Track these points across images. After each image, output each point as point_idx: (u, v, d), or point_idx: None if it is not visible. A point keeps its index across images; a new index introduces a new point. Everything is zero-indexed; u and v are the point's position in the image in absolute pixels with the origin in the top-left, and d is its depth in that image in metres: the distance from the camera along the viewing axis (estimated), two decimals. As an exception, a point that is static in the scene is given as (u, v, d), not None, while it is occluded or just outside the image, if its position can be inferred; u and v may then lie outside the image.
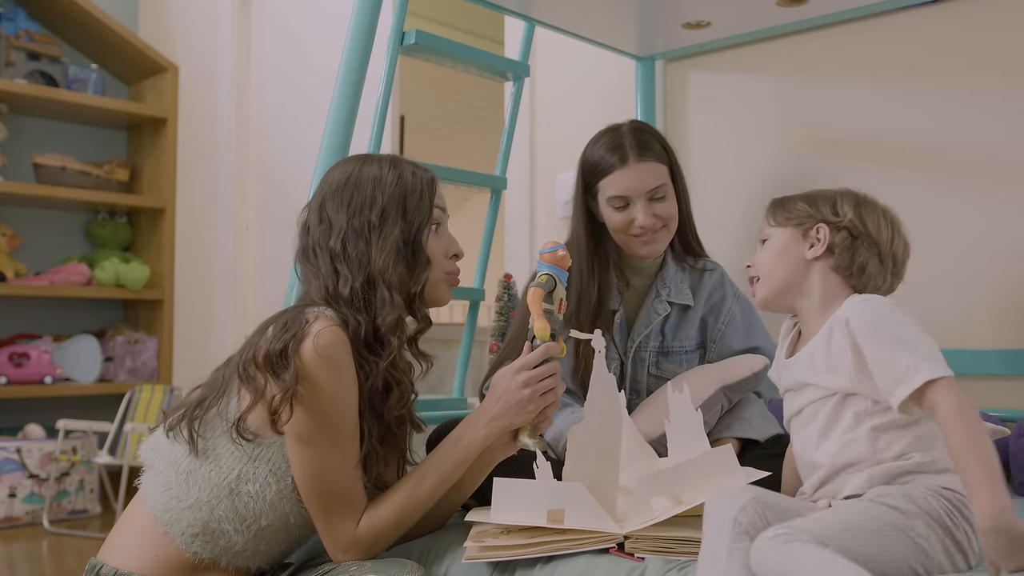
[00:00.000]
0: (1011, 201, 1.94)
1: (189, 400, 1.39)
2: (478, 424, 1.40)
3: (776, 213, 1.38)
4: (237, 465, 1.33)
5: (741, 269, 2.23)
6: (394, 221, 1.40)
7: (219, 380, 1.39)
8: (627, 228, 1.78)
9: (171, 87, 3.94)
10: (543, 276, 1.43)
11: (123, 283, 3.82)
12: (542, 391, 1.38)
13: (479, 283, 2.30)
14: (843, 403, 1.23)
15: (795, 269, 1.33)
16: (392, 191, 1.42)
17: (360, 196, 1.41)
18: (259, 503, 1.33)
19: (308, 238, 1.45)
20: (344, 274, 1.38)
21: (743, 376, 1.74)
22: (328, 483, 1.32)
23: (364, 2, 1.83)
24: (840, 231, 1.30)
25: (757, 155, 2.35)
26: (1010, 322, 1.94)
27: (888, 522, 1.11)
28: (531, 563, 1.33)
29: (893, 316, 1.19)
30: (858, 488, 1.19)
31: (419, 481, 1.39)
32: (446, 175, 2.19)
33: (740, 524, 1.09)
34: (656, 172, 1.78)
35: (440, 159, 2.51)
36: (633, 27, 2.25)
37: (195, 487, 1.33)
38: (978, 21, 2.01)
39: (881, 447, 1.20)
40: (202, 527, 1.33)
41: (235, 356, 1.38)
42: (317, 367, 1.30)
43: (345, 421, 1.33)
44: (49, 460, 3.30)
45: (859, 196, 1.34)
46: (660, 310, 1.85)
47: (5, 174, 3.66)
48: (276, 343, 1.31)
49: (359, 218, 1.40)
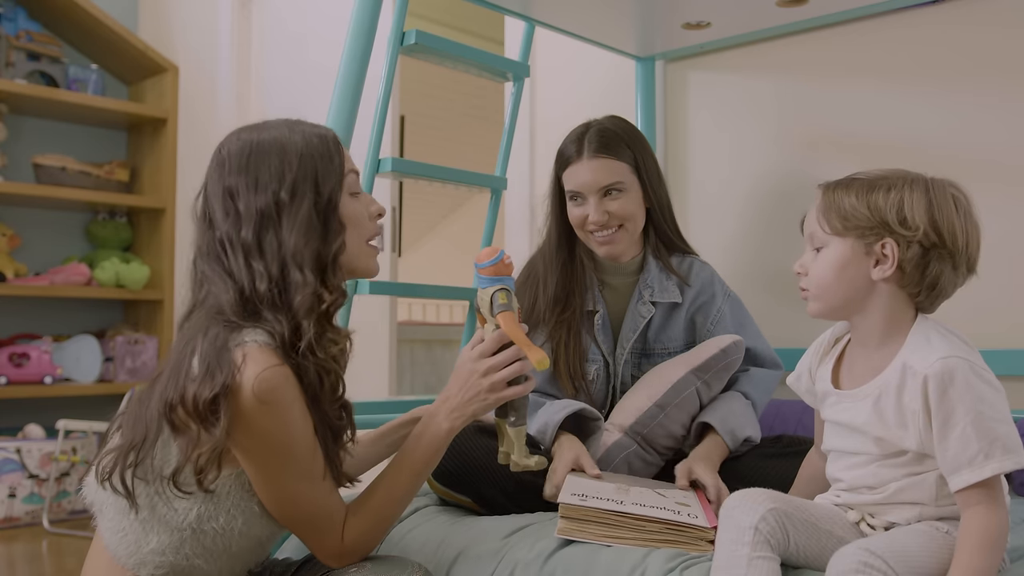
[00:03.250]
0: (1011, 201, 1.94)
1: (118, 444, 1.24)
2: (440, 417, 1.32)
3: (831, 217, 1.19)
4: (194, 506, 1.22)
5: (739, 269, 2.24)
6: (302, 194, 1.24)
7: (143, 423, 1.22)
8: (583, 224, 1.81)
9: (171, 87, 3.94)
10: (500, 294, 1.33)
11: (123, 283, 3.82)
12: (503, 381, 1.31)
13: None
14: (916, 460, 1.15)
15: (857, 288, 1.18)
16: (300, 160, 1.26)
17: (267, 172, 1.25)
18: (227, 536, 1.24)
19: (213, 232, 1.27)
20: (259, 269, 1.22)
21: (711, 354, 1.71)
22: (302, 508, 1.25)
23: (364, 2, 1.83)
24: (911, 246, 1.14)
25: (757, 155, 2.35)
26: (1011, 322, 1.94)
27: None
28: (532, 562, 1.33)
29: (976, 390, 1.09)
30: (906, 520, 1.16)
31: (393, 481, 1.32)
32: (446, 175, 2.19)
33: (761, 533, 1.08)
34: (609, 169, 1.78)
35: (440, 159, 2.51)
36: (633, 27, 2.25)
37: (153, 532, 1.22)
38: (978, 21, 2.01)
39: (945, 492, 1.13)
40: (170, 567, 1.24)
41: (157, 390, 1.22)
42: (262, 415, 1.17)
43: (303, 451, 1.22)
44: (49, 460, 3.30)
45: (929, 190, 1.15)
46: (644, 312, 1.82)
47: (5, 174, 3.66)
48: (203, 388, 1.15)
49: (267, 198, 1.24)
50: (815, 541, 1.14)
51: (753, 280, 2.26)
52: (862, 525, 1.18)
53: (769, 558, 1.09)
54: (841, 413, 1.21)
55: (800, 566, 1.15)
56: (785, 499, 1.16)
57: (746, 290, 2.05)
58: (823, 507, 1.21)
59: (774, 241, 2.27)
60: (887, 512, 1.17)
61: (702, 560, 1.23)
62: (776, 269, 2.25)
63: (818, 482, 1.30)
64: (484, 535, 1.46)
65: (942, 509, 1.14)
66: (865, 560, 1.03)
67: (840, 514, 1.19)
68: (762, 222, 2.32)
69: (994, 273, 1.94)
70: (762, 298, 2.22)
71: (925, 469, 1.14)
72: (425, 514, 1.62)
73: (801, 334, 1.83)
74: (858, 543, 1.07)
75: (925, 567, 1.06)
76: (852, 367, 1.24)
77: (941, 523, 1.14)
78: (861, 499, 1.19)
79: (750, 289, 2.15)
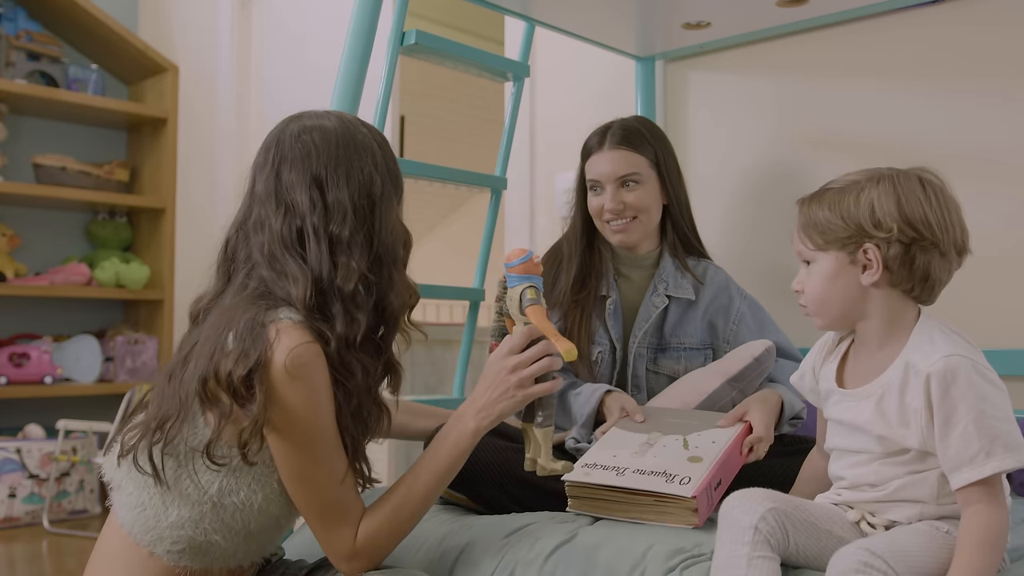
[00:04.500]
0: (1012, 201, 1.94)
1: (143, 421, 1.25)
2: (467, 417, 1.31)
3: (811, 233, 1.20)
4: (216, 479, 1.22)
5: (740, 268, 2.24)
6: (389, 195, 1.27)
7: (175, 398, 1.22)
8: (599, 213, 1.88)
9: (171, 87, 3.94)
10: (529, 291, 1.34)
11: (123, 283, 3.83)
12: (531, 377, 1.30)
13: (479, 283, 2.30)
14: (919, 458, 1.15)
15: (852, 297, 1.19)
16: (385, 161, 1.28)
17: (358, 169, 1.25)
18: (246, 512, 1.24)
19: (296, 220, 1.24)
20: (349, 266, 1.22)
21: (745, 364, 1.73)
22: (320, 498, 1.24)
23: (364, 2, 1.83)
24: (891, 245, 1.14)
25: (757, 155, 2.35)
26: (1015, 321, 1.94)
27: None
28: (532, 562, 1.33)
29: (979, 388, 1.09)
30: (907, 519, 1.16)
31: (413, 483, 1.30)
32: (446, 175, 2.19)
33: (760, 532, 1.09)
34: (627, 160, 1.85)
35: (440, 159, 2.51)
36: (633, 27, 2.25)
37: (174, 505, 1.23)
38: (978, 21, 2.01)
39: (947, 491, 1.13)
40: (188, 542, 1.24)
41: (190, 367, 1.21)
42: (292, 390, 1.17)
43: (326, 434, 1.23)
44: (49, 460, 3.30)
45: (896, 185, 1.16)
46: (658, 303, 1.86)
47: (5, 174, 3.66)
48: (238, 366, 1.16)
49: (360, 195, 1.24)
50: (815, 541, 1.14)
51: (753, 280, 2.26)
52: (862, 524, 1.18)
53: (769, 558, 1.09)
54: (844, 412, 1.22)
55: (800, 566, 1.15)
56: (785, 499, 1.16)
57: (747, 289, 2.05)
58: (823, 507, 1.21)
59: (774, 241, 2.27)
60: (888, 510, 1.17)
61: (702, 560, 1.23)
62: (777, 268, 2.25)
63: (819, 481, 1.31)
64: (484, 535, 1.45)
65: (943, 508, 1.14)
66: (865, 560, 1.03)
67: (840, 514, 1.20)
68: (762, 222, 2.32)
69: (994, 273, 1.94)
70: (763, 297, 2.22)
71: (927, 467, 1.15)
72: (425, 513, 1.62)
73: (803, 333, 1.84)
74: (858, 543, 1.07)
75: (925, 567, 1.06)
76: (856, 366, 1.24)
77: (941, 523, 1.14)
78: (862, 496, 1.19)
79: (749, 287, 2.14)
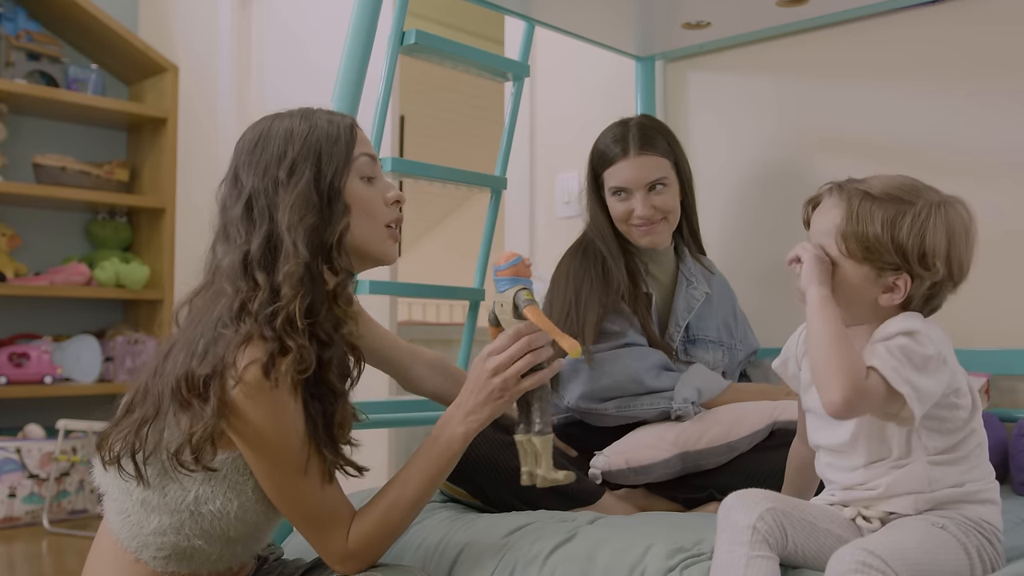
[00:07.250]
0: (1013, 200, 1.94)
1: (124, 423, 1.26)
2: (454, 421, 1.30)
3: (851, 242, 1.17)
4: (192, 487, 1.23)
5: (740, 268, 2.24)
6: (301, 172, 1.26)
7: (154, 399, 1.24)
8: (627, 218, 1.87)
9: (171, 87, 3.94)
10: (523, 292, 1.31)
11: (123, 283, 3.82)
12: (515, 376, 1.28)
13: (479, 283, 2.30)
14: (899, 454, 1.17)
15: (862, 307, 1.19)
16: (303, 142, 1.28)
17: (268, 153, 1.28)
18: (223, 520, 1.25)
19: (225, 215, 1.30)
20: (255, 236, 1.25)
21: (794, 415, 1.71)
22: (304, 506, 1.25)
23: (364, 2, 1.83)
24: (924, 282, 1.15)
25: (757, 155, 2.35)
26: (1017, 320, 1.94)
27: (951, 548, 1.10)
28: (532, 561, 1.33)
29: (921, 347, 1.12)
30: (903, 509, 1.16)
31: (403, 486, 1.29)
32: (446, 175, 2.19)
33: (759, 532, 1.09)
34: (656, 165, 1.85)
35: (440, 159, 2.51)
36: (633, 27, 2.25)
37: (154, 513, 1.24)
38: (978, 21, 2.01)
39: (936, 477, 1.15)
40: (172, 548, 1.25)
41: (168, 368, 1.23)
42: (251, 405, 1.18)
43: (295, 444, 1.22)
44: (49, 460, 3.30)
45: (947, 220, 1.16)
46: (698, 296, 1.90)
47: (5, 174, 3.66)
48: (202, 368, 1.18)
49: (267, 177, 1.27)
50: (814, 540, 1.15)
51: (753, 279, 2.26)
52: (859, 520, 1.18)
53: (768, 557, 1.09)
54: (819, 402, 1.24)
55: (799, 565, 1.15)
56: (783, 499, 1.16)
57: (746, 288, 2.06)
58: (821, 507, 1.21)
59: (775, 241, 2.27)
60: (883, 504, 1.18)
61: (702, 559, 1.23)
62: (777, 268, 2.25)
63: (807, 471, 1.32)
64: (484, 533, 1.46)
65: (937, 494, 1.16)
66: (863, 560, 1.03)
67: (837, 512, 1.20)
68: (762, 221, 2.33)
69: (994, 272, 1.94)
70: (763, 297, 2.22)
71: (910, 460, 1.16)
72: (425, 511, 1.62)
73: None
74: (856, 543, 1.08)
75: (923, 565, 1.07)
76: None
77: (937, 518, 1.14)
78: (857, 496, 1.20)
79: (750, 287, 2.15)
